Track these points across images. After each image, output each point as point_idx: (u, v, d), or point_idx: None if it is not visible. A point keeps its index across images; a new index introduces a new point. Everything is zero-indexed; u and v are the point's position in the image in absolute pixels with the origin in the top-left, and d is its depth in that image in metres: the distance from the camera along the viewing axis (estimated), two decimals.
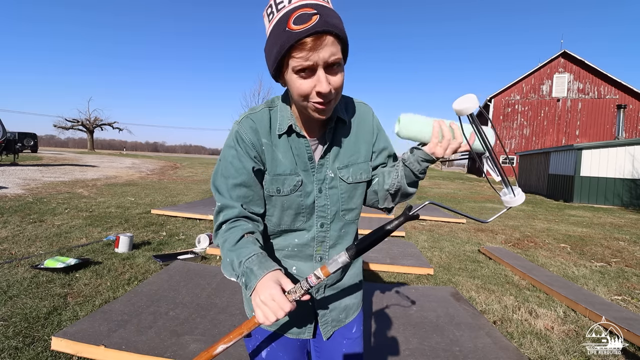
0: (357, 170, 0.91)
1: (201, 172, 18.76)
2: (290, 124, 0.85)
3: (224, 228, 0.83)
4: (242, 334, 0.79)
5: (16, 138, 17.18)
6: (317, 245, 0.91)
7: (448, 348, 2.14)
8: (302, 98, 0.76)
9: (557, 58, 27.91)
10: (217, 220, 0.85)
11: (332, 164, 0.89)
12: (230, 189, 0.84)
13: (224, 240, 0.81)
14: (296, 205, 0.88)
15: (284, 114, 0.86)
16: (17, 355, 1.88)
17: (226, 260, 0.78)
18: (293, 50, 0.69)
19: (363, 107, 0.95)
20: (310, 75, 0.72)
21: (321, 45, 0.69)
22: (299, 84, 0.73)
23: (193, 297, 2.63)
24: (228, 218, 0.84)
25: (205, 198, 8.28)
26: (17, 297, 2.56)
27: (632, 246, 5.59)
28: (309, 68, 0.71)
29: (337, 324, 0.98)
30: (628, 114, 25.66)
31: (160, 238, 4.56)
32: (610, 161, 11.98)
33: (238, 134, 0.85)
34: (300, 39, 0.67)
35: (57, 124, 49.08)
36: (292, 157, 0.86)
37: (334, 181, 0.89)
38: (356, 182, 0.91)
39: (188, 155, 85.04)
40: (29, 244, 3.89)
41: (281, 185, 0.86)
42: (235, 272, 0.76)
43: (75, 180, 10.57)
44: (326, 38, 0.69)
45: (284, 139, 0.86)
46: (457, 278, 3.67)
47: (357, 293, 1.02)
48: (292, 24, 0.68)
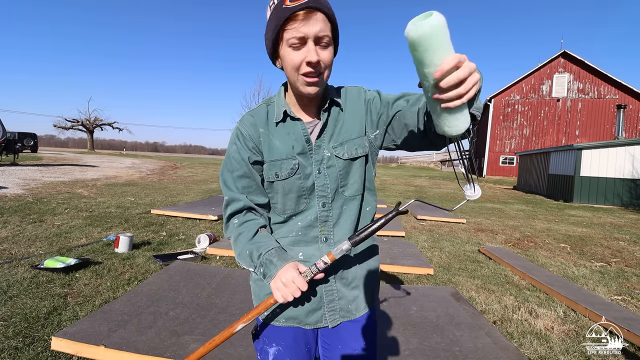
0: (351, 146, 0.93)
1: (201, 172, 18.76)
2: (285, 109, 0.91)
3: (236, 222, 0.93)
4: (260, 313, 0.89)
5: (16, 138, 17.17)
6: (320, 225, 0.94)
7: (448, 348, 2.14)
8: (294, 70, 0.82)
9: (557, 58, 27.91)
10: (226, 213, 0.95)
11: (328, 143, 0.92)
12: (235, 180, 0.93)
13: (239, 234, 0.91)
14: (297, 188, 0.92)
15: (279, 103, 0.93)
16: (17, 355, 1.88)
17: (245, 252, 0.89)
18: (287, 23, 0.78)
19: (354, 88, 0.99)
20: (301, 47, 0.79)
21: (311, 19, 0.77)
22: (292, 55, 0.80)
23: (193, 297, 2.63)
24: (235, 210, 0.93)
25: (205, 198, 8.28)
26: (17, 297, 2.56)
27: (632, 246, 5.59)
28: (301, 40, 0.78)
29: (346, 314, 0.96)
30: (628, 114, 25.65)
31: (160, 238, 4.55)
32: (610, 161, 11.98)
33: (238, 130, 0.94)
34: (294, 11, 0.76)
35: (57, 124, 49.09)
36: (289, 142, 0.91)
37: (330, 160, 0.92)
38: (351, 157, 0.93)
39: (188, 155, 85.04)
40: (29, 244, 3.89)
41: (278, 169, 0.91)
42: (254, 263, 0.87)
43: (75, 180, 10.56)
44: (317, 14, 0.78)
45: (281, 125, 0.92)
46: (457, 278, 3.67)
47: (369, 288, 1.00)
48: (288, 1, 0.77)
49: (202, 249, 4.11)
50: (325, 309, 0.95)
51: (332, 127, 0.93)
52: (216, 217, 5.85)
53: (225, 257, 3.92)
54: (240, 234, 0.91)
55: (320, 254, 0.93)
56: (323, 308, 0.95)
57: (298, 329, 0.95)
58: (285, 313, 0.94)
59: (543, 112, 28.41)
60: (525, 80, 28.76)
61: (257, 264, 0.86)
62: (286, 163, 0.91)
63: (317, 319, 0.95)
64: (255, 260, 0.87)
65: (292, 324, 0.94)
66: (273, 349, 0.94)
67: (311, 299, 0.93)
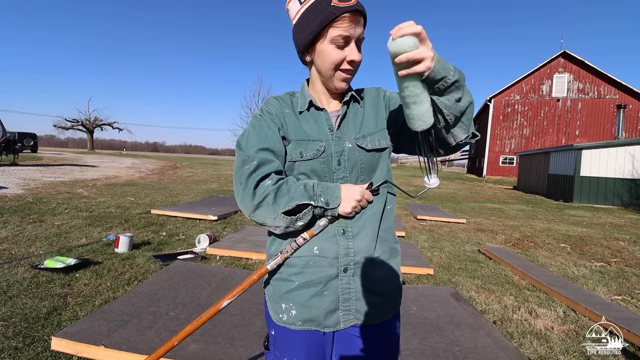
0: (374, 138, 0.94)
1: (201, 172, 18.75)
2: (310, 99, 0.94)
3: (270, 182, 0.83)
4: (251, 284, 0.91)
5: (16, 138, 17.18)
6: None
7: (448, 348, 2.14)
8: (333, 66, 0.86)
9: (557, 58, 27.92)
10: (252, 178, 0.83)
11: (350, 135, 0.93)
12: (260, 151, 0.87)
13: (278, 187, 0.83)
14: (319, 171, 0.90)
15: (304, 95, 0.96)
16: (17, 355, 1.88)
17: (298, 190, 0.82)
18: (335, 21, 0.82)
19: (373, 89, 1.02)
20: (344, 46, 0.84)
21: (358, 22, 0.83)
22: (334, 53, 0.85)
23: (193, 297, 2.63)
24: (268, 173, 0.84)
25: (205, 198, 8.28)
26: (17, 297, 2.56)
27: (632, 246, 5.59)
28: (346, 39, 0.83)
29: (362, 318, 0.89)
30: (628, 114, 25.65)
31: (160, 238, 4.55)
32: (610, 161, 11.99)
33: (263, 109, 0.95)
34: (345, 11, 0.81)
35: (57, 124, 49.11)
36: (314, 127, 0.93)
37: (352, 152, 0.91)
38: (376, 148, 0.93)
39: (188, 155, 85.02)
40: (29, 244, 3.89)
41: (304, 149, 0.90)
42: (310, 193, 0.83)
43: (75, 180, 10.56)
44: (361, 18, 0.84)
45: (305, 113, 0.95)
46: (457, 278, 3.67)
47: (393, 294, 0.95)
48: (338, 1, 0.81)
49: (202, 249, 4.11)
50: (340, 309, 0.89)
51: (352, 119, 0.95)
52: (216, 217, 5.85)
53: (225, 257, 3.92)
54: (280, 187, 0.83)
55: (336, 248, 0.88)
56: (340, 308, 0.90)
57: (315, 334, 0.89)
58: (302, 315, 0.88)
59: (543, 112, 28.41)
60: (525, 80, 28.76)
61: (315, 194, 0.83)
62: (312, 144, 0.90)
63: (336, 320, 0.89)
64: (311, 192, 0.83)
65: (310, 327, 0.88)
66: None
67: (330, 299, 0.88)
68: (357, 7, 0.82)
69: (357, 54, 0.85)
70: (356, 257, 0.89)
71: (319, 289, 0.88)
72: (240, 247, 4.11)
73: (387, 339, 0.93)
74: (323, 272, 0.88)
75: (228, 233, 5.02)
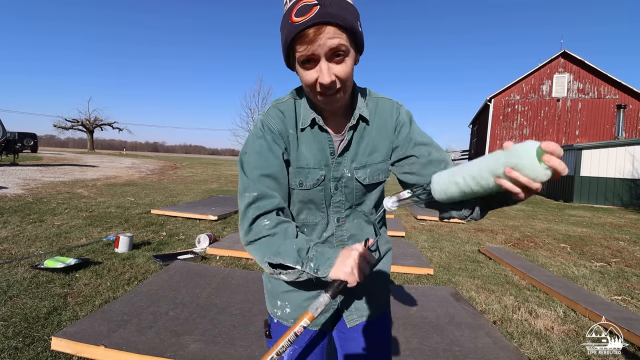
0: (374, 170, 0.89)
1: (201, 172, 18.76)
2: (314, 117, 0.84)
3: (268, 223, 0.78)
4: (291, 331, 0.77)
5: (16, 138, 17.18)
6: (336, 241, 0.92)
7: (448, 348, 2.14)
8: (308, 89, 0.77)
9: (557, 58, 27.91)
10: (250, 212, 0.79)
11: (350, 163, 0.87)
12: (261, 179, 0.81)
13: (273, 234, 0.78)
14: (317, 199, 0.88)
15: (307, 107, 0.86)
16: (17, 355, 1.88)
17: (289, 248, 0.75)
18: (295, 41, 0.71)
19: (387, 103, 0.91)
20: (314, 65, 0.73)
21: (320, 36, 0.69)
22: (303, 74, 0.75)
23: (193, 297, 2.63)
24: (267, 210, 0.79)
25: (205, 198, 8.28)
26: (17, 297, 2.56)
27: (632, 246, 5.59)
28: (311, 59, 0.72)
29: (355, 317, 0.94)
30: (628, 114, 25.63)
31: (160, 238, 4.55)
32: (610, 161, 11.98)
33: (265, 124, 0.84)
34: (300, 30, 0.68)
35: (57, 124, 49.11)
36: (315, 151, 0.85)
37: (349, 181, 0.88)
38: (372, 183, 0.89)
39: (188, 155, 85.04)
40: (29, 244, 3.89)
41: (304, 178, 0.85)
42: (301, 258, 0.75)
43: (75, 180, 10.56)
44: (325, 28, 0.68)
45: (308, 131, 0.85)
46: (457, 278, 3.67)
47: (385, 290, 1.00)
48: (294, 16, 0.69)
49: (202, 249, 4.11)
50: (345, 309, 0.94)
51: (357, 145, 0.87)
52: (216, 217, 5.85)
53: (225, 257, 3.92)
54: (275, 234, 0.78)
55: None
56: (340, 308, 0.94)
57: (308, 332, 0.93)
58: (296, 313, 0.92)
59: (543, 112, 28.41)
60: (525, 80, 28.76)
61: (306, 258, 0.75)
62: (313, 173, 0.85)
63: (330, 320, 0.94)
64: (303, 256, 0.75)
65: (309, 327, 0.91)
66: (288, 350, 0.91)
67: None
68: (314, 20, 0.67)
69: (326, 76, 0.71)
70: None
71: (315, 293, 0.91)
72: (240, 247, 4.11)
73: (384, 330, 0.98)
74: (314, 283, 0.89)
75: (228, 233, 5.02)
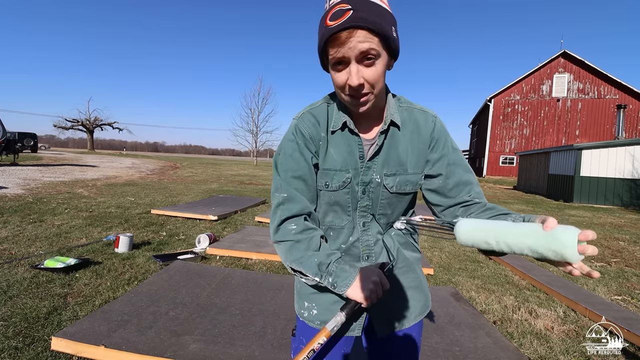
0: (403, 180, 0.88)
1: (201, 172, 18.75)
2: (345, 120, 0.86)
3: (294, 228, 0.84)
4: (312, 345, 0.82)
5: (16, 138, 17.18)
6: (362, 246, 0.91)
7: (448, 348, 2.14)
8: (339, 90, 0.79)
9: (557, 58, 27.92)
10: (278, 214, 0.85)
11: (381, 169, 0.87)
12: (290, 181, 0.86)
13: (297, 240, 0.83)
14: (343, 202, 0.88)
15: (340, 109, 0.88)
16: (17, 355, 1.88)
17: (311, 261, 0.81)
18: (328, 44, 0.74)
19: (422, 115, 0.90)
20: (344, 67, 0.75)
21: (351, 39, 0.71)
22: (335, 76, 0.78)
23: (193, 297, 2.63)
24: (294, 214, 0.84)
25: (205, 198, 8.28)
26: (17, 297, 2.56)
27: (632, 246, 5.59)
28: (342, 61, 0.74)
29: (394, 324, 0.93)
30: (628, 114, 25.66)
31: (160, 238, 4.55)
32: (610, 161, 11.99)
33: (298, 128, 0.88)
34: (333, 33, 0.72)
35: (57, 124, 49.14)
36: (344, 154, 0.87)
37: (377, 187, 0.88)
38: (399, 192, 0.89)
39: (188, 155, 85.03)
40: (29, 244, 3.89)
41: (330, 180, 0.87)
42: (321, 272, 0.81)
43: (75, 180, 10.56)
44: (357, 32, 0.71)
45: (338, 134, 0.87)
46: (457, 278, 3.67)
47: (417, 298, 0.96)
48: (328, 20, 0.73)
49: (202, 249, 4.11)
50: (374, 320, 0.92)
51: (387, 151, 0.87)
52: (216, 217, 5.85)
53: (225, 257, 3.92)
54: (299, 242, 0.83)
55: None
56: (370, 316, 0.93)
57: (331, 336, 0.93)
58: (322, 316, 0.91)
59: (543, 112, 28.41)
60: (525, 80, 28.76)
61: (325, 272, 0.81)
62: (339, 175, 0.86)
63: (353, 327, 0.92)
64: (323, 270, 0.81)
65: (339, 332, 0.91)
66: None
67: None
68: (349, 24, 0.70)
69: (354, 78, 0.74)
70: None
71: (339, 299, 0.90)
72: (240, 247, 4.11)
73: (409, 346, 0.95)
74: None
75: (228, 233, 5.02)
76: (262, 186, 12.95)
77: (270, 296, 2.76)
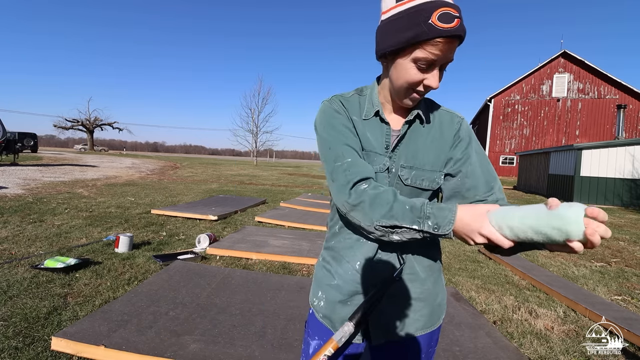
0: (418, 175, 0.87)
1: (201, 172, 18.76)
2: (377, 109, 0.87)
3: (367, 186, 0.77)
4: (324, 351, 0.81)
5: (16, 138, 17.18)
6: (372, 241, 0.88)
7: (448, 348, 2.14)
8: (407, 85, 0.79)
9: (557, 58, 27.93)
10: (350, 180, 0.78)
11: (398, 159, 0.87)
12: (346, 150, 0.82)
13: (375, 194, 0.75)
14: None
15: (372, 100, 0.88)
16: (17, 355, 1.88)
17: (402, 207, 0.72)
18: (426, 43, 0.72)
19: (448, 115, 0.91)
20: (426, 67, 0.75)
21: (450, 48, 0.73)
22: (412, 72, 0.76)
23: (193, 297, 2.63)
24: (363, 177, 0.78)
25: (205, 198, 8.28)
26: (17, 297, 2.56)
27: (632, 246, 5.59)
28: (432, 63, 0.75)
29: (391, 332, 0.88)
30: (628, 114, 25.66)
31: (160, 238, 4.55)
32: (610, 161, 11.99)
33: (331, 106, 0.87)
34: (442, 36, 0.70)
35: (57, 124, 49.15)
36: (379, 138, 0.87)
37: (394, 178, 0.87)
38: (414, 186, 0.87)
39: (188, 155, 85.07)
40: (29, 244, 3.89)
41: (372, 161, 0.85)
42: (417, 215, 0.71)
43: (75, 180, 10.56)
44: (456, 42, 0.73)
45: (372, 120, 0.87)
46: (457, 278, 3.67)
47: (427, 305, 0.91)
48: (437, 20, 0.70)
49: (202, 249, 4.11)
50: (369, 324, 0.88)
51: (407, 142, 0.87)
52: (216, 217, 5.85)
53: (225, 257, 3.92)
54: (379, 194, 0.75)
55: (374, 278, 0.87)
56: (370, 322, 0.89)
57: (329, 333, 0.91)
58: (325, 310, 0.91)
59: (543, 112, 28.42)
60: (525, 80, 28.77)
61: (423, 216, 0.71)
62: (379, 158, 0.85)
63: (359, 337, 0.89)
64: (418, 214, 0.71)
65: (327, 324, 0.91)
66: (315, 342, 0.93)
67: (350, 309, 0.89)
68: (457, 32, 0.70)
69: (436, 81, 0.76)
70: None
71: (347, 297, 0.90)
72: (240, 247, 4.12)
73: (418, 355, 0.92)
74: (353, 286, 0.89)
75: (228, 233, 5.02)
76: (262, 186, 12.95)
77: (270, 296, 2.76)
